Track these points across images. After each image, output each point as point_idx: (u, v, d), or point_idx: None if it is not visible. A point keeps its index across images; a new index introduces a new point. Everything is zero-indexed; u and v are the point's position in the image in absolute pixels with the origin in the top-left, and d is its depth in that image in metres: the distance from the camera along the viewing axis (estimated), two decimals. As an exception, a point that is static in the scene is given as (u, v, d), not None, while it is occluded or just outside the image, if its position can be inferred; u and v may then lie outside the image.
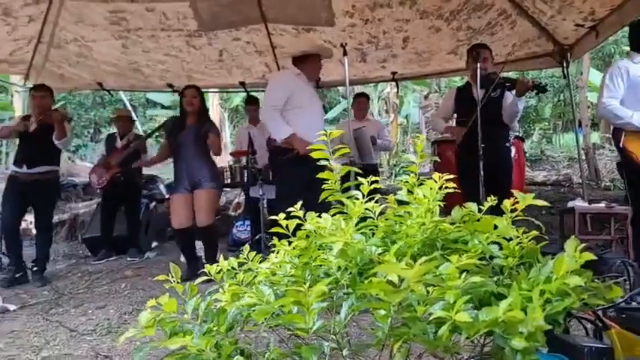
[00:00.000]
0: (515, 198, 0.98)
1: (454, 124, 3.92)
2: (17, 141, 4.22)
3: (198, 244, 4.20)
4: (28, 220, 5.05)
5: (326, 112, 14.88)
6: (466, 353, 1.01)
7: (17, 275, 4.03)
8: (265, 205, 4.99)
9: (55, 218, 6.42)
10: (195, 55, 5.05)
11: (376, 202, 1.23)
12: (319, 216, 1.26)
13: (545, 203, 0.96)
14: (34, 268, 4.13)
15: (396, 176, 10.63)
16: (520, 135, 5.02)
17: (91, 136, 15.02)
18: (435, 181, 1.11)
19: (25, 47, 4.64)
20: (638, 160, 2.89)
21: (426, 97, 13.23)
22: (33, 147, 4.07)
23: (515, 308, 0.67)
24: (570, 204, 4.33)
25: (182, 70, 5.42)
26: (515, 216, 0.96)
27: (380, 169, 10.94)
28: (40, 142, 4.04)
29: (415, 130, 14.80)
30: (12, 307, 3.29)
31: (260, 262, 1.27)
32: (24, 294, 3.74)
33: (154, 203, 5.95)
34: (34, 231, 4.40)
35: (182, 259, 4.27)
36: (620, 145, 2.97)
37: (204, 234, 3.98)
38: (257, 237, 4.78)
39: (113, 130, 6.18)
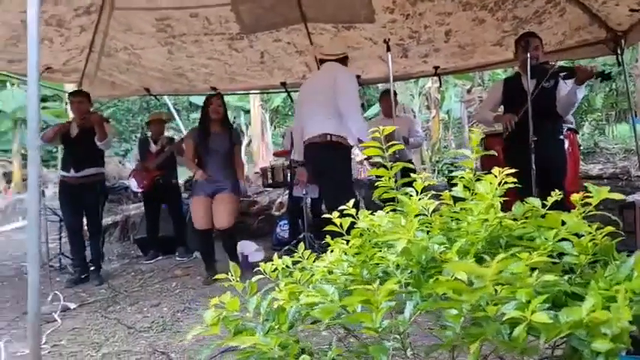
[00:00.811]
0: (587, 192, 0.93)
1: None
2: (62, 147, 4.41)
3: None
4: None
5: (365, 110, 14.87)
6: (534, 356, 0.97)
7: (82, 276, 4.23)
8: (309, 205, 5.00)
9: (109, 220, 6.72)
10: (237, 57, 5.12)
11: (429, 198, 1.21)
12: (372, 213, 1.26)
13: (620, 196, 0.91)
14: (91, 268, 4.31)
15: (438, 173, 10.44)
16: (574, 127, 4.79)
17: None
18: (495, 176, 1.08)
19: (78, 57, 4.84)
20: None
21: (469, 92, 12.93)
22: (77, 151, 4.24)
23: (597, 308, 0.63)
24: (630, 198, 4.11)
25: (225, 73, 5.52)
26: (589, 211, 0.91)
27: (422, 166, 10.78)
28: (84, 146, 4.19)
29: (457, 126, 14.50)
30: (72, 306, 3.45)
31: (313, 260, 1.27)
32: (82, 292, 3.91)
33: (200, 204, 6.09)
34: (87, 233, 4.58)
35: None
36: None
37: (224, 235, 4.09)
38: (301, 236, 4.81)
39: (146, 134, 6.39)
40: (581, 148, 8.20)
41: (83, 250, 4.32)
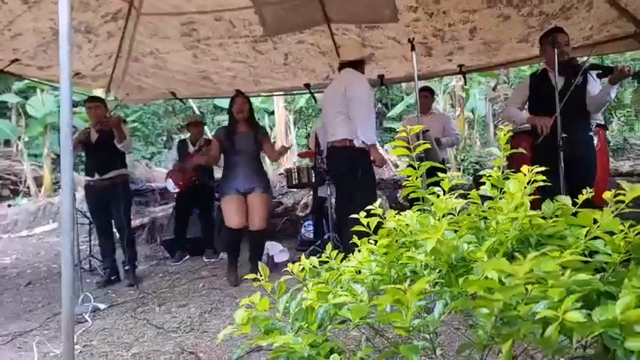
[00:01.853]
0: (619, 189, 0.91)
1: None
2: (84, 153, 4.45)
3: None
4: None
5: (388, 109, 14.70)
6: (566, 355, 0.96)
7: (112, 278, 4.34)
8: (334, 205, 5.00)
9: (137, 222, 6.86)
10: (261, 60, 5.16)
11: (457, 197, 1.20)
12: (398, 213, 1.26)
13: (655, 194, 0.89)
14: (126, 267, 4.36)
15: (464, 171, 10.31)
16: (602, 123, 4.67)
17: (164, 143, 15.86)
18: (524, 174, 1.06)
19: (106, 62, 4.96)
20: None
21: (494, 89, 12.71)
22: (100, 155, 4.31)
23: (631, 307, 0.62)
24: (663, 196, 3.96)
25: (249, 76, 5.57)
26: (621, 209, 0.89)
27: (447, 165, 10.66)
28: (105, 150, 4.27)
29: (482, 124, 14.28)
30: (102, 306, 3.53)
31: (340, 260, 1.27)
32: (112, 293, 4.01)
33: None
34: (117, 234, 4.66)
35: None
36: None
37: (256, 236, 4.14)
38: (326, 236, 4.81)
39: (184, 136, 6.48)
40: (611, 144, 7.97)
41: (113, 252, 4.42)
